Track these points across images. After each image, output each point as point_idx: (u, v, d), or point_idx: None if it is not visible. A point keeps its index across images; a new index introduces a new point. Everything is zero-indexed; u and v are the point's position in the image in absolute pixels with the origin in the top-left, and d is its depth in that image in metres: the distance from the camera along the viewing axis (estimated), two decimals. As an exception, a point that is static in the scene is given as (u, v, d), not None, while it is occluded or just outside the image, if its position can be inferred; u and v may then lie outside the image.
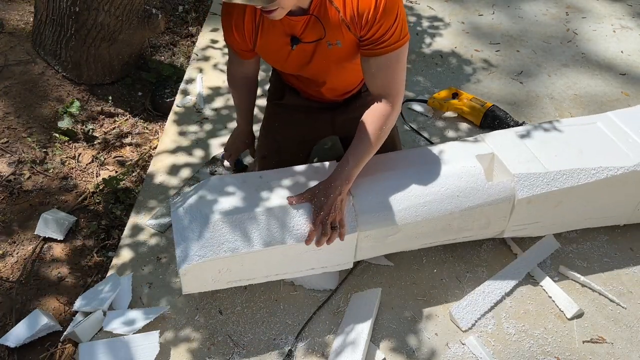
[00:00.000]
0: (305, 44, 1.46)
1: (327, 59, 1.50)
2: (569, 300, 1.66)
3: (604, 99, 2.54)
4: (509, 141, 1.73)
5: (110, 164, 2.31)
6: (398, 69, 1.45)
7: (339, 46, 1.45)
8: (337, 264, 1.59)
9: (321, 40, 1.44)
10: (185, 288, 1.49)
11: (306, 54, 1.50)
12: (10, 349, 1.62)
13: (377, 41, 1.39)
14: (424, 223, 1.56)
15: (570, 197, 1.65)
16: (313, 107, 1.80)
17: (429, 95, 2.46)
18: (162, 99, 2.61)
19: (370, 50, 1.42)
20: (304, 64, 1.54)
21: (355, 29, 1.39)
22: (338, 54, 1.48)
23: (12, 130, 2.28)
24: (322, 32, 1.42)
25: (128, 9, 2.44)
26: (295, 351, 1.54)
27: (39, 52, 2.58)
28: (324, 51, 1.47)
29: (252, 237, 1.44)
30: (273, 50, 1.52)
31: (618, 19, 3.14)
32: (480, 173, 1.60)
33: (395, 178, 1.58)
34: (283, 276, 1.58)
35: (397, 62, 1.44)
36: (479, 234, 1.68)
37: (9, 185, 2.11)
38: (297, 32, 1.44)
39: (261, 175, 1.58)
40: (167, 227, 1.85)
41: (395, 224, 1.53)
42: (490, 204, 1.59)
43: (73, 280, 1.87)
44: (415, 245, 1.66)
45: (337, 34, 1.42)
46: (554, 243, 1.82)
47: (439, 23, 3.04)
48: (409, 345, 1.56)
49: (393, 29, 1.38)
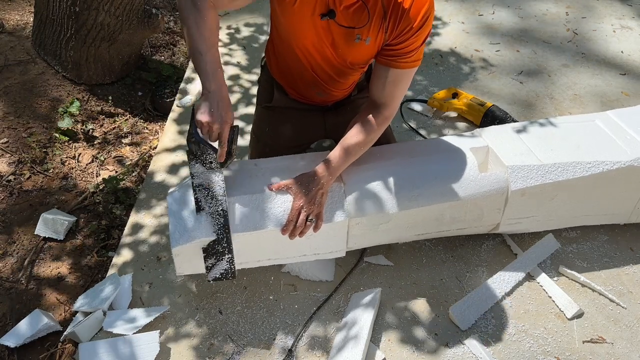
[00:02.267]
0: (335, 24, 1.39)
1: (346, 51, 1.47)
2: (569, 300, 1.66)
3: (604, 99, 2.54)
4: (505, 135, 1.75)
5: (110, 164, 2.31)
6: (405, 84, 1.49)
7: (366, 44, 1.42)
8: (329, 251, 1.60)
9: (353, 30, 1.39)
10: (179, 269, 1.51)
11: (328, 34, 1.43)
12: (10, 349, 1.62)
13: (404, 54, 1.40)
14: (415, 212, 1.56)
15: (566, 191, 1.65)
16: (303, 108, 1.78)
17: (429, 95, 2.46)
18: (162, 98, 2.61)
19: (392, 60, 1.42)
20: (318, 42, 1.46)
21: (392, 34, 1.38)
22: (360, 51, 1.45)
23: (12, 130, 2.28)
24: (364, 21, 1.36)
25: (128, 9, 2.44)
26: (295, 351, 1.54)
27: (39, 52, 2.58)
28: (347, 42, 1.43)
29: (241, 220, 1.45)
30: (298, 15, 1.40)
31: (618, 19, 3.14)
32: (474, 164, 1.61)
33: (388, 167, 1.59)
34: (275, 261, 1.59)
35: (409, 78, 1.48)
36: (473, 226, 1.68)
37: (9, 185, 2.11)
38: (338, 7, 1.37)
39: (256, 162, 1.60)
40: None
41: (386, 212, 1.54)
42: (483, 195, 1.59)
43: (73, 280, 1.87)
44: (408, 235, 1.66)
45: (373, 31, 1.39)
46: (553, 243, 1.82)
47: (439, 23, 3.04)
48: (409, 345, 1.56)
49: (421, 47, 1.40)
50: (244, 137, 2.23)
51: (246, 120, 2.31)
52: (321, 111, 1.79)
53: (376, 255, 1.77)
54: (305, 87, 1.68)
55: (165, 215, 1.88)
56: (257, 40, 2.84)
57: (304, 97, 1.73)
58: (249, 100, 2.43)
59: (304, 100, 1.74)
